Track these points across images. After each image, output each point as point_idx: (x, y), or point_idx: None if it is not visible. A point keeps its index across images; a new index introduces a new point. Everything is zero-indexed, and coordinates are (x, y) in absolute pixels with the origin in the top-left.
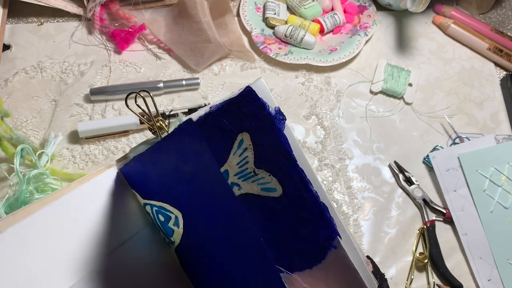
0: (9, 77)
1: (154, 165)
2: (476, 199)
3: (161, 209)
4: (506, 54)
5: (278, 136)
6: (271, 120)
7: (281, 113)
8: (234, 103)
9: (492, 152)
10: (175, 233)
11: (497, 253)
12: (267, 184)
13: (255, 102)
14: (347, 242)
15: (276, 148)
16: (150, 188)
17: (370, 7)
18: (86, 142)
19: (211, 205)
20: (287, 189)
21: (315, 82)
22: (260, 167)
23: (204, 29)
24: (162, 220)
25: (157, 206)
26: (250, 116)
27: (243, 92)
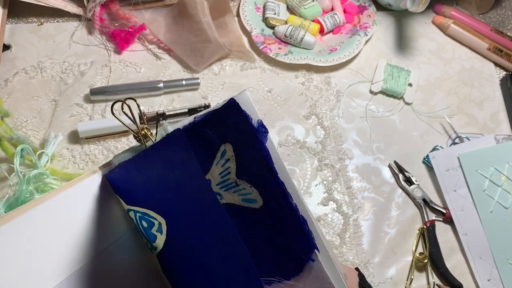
0: (9, 77)
1: (139, 172)
2: (476, 199)
3: (145, 215)
4: (506, 54)
5: (260, 148)
6: (254, 132)
7: (263, 125)
8: (218, 114)
9: (492, 152)
10: (158, 239)
11: (497, 253)
12: (248, 195)
13: (239, 114)
14: (324, 256)
15: (258, 160)
16: (134, 195)
17: (370, 7)
18: (86, 142)
19: (196, 213)
20: (267, 201)
21: (315, 82)
22: (241, 178)
23: (204, 29)
24: (145, 226)
25: (141, 212)
26: (233, 128)
27: (226, 104)
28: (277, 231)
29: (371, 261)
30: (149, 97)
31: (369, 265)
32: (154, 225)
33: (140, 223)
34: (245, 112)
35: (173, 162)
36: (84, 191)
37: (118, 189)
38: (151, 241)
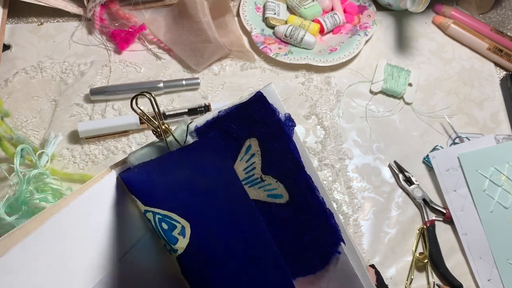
0: (9, 77)
1: (162, 174)
2: (476, 199)
3: (166, 218)
4: (506, 54)
5: (287, 142)
6: (281, 126)
7: (291, 119)
8: (244, 108)
9: (492, 152)
10: (179, 242)
11: (497, 253)
12: (273, 190)
13: (265, 107)
14: (349, 249)
15: (285, 154)
16: (154, 196)
17: (370, 7)
18: (86, 142)
19: (228, 219)
20: (293, 196)
21: (315, 82)
22: (267, 173)
23: (204, 29)
24: (166, 229)
25: (161, 214)
26: (260, 121)
27: (253, 97)
28: (303, 226)
29: (371, 261)
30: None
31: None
32: (176, 227)
33: (160, 225)
34: (272, 105)
35: (206, 166)
36: (99, 194)
37: (135, 190)
38: (171, 243)
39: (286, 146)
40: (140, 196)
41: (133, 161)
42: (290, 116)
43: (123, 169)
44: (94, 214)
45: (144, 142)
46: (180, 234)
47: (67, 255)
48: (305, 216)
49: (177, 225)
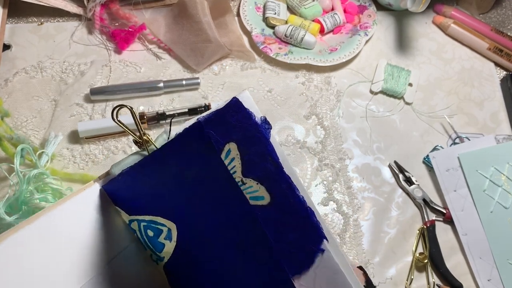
0: (9, 77)
1: (146, 176)
2: (476, 199)
3: (151, 224)
4: (506, 54)
5: (265, 144)
6: (258, 129)
7: (267, 122)
8: (221, 114)
9: (492, 152)
10: (166, 248)
11: (497, 253)
12: (255, 192)
13: (242, 112)
14: (333, 246)
15: (263, 156)
16: (138, 203)
17: (370, 7)
18: (86, 142)
19: (216, 211)
20: (275, 196)
21: (315, 82)
22: (247, 176)
23: (204, 29)
24: (151, 236)
25: (146, 220)
26: (237, 126)
27: (229, 103)
28: (286, 225)
29: (371, 261)
30: (149, 97)
31: (369, 265)
32: (162, 232)
33: (145, 233)
34: (248, 109)
35: (191, 158)
36: (81, 205)
37: (118, 200)
38: (157, 251)
39: (264, 148)
40: (124, 205)
41: (116, 172)
42: (266, 119)
43: (107, 181)
44: (76, 223)
45: None
46: (167, 239)
47: (48, 258)
48: (288, 216)
49: (163, 229)
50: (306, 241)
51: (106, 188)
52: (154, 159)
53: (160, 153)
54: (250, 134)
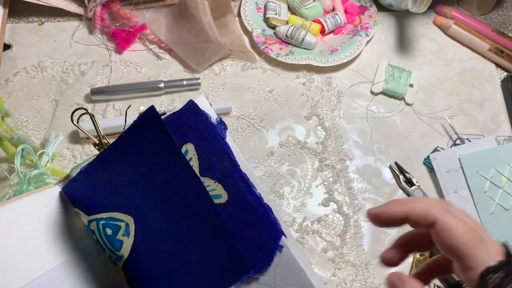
0: (10, 76)
1: (103, 172)
2: (476, 200)
3: (109, 221)
4: (507, 55)
5: (221, 144)
6: (214, 129)
7: (223, 122)
8: (178, 116)
9: (493, 153)
10: (124, 245)
11: None
12: (213, 191)
13: (198, 114)
14: (291, 242)
15: (220, 155)
16: (97, 201)
17: (371, 8)
18: (87, 142)
19: (171, 194)
20: (232, 194)
21: (316, 82)
22: (205, 175)
23: (205, 29)
24: (110, 234)
25: (105, 218)
26: (193, 127)
27: (185, 106)
28: (244, 223)
29: (371, 262)
30: (149, 97)
31: (369, 266)
32: (120, 228)
33: (104, 232)
34: (204, 111)
35: (146, 145)
36: (39, 204)
37: (77, 201)
38: (115, 251)
39: (221, 148)
40: (83, 206)
41: (74, 174)
42: (221, 119)
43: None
44: (33, 220)
45: None
46: (125, 235)
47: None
48: (245, 213)
49: (121, 224)
50: (265, 238)
51: (66, 190)
52: (110, 151)
53: (115, 145)
54: (207, 134)
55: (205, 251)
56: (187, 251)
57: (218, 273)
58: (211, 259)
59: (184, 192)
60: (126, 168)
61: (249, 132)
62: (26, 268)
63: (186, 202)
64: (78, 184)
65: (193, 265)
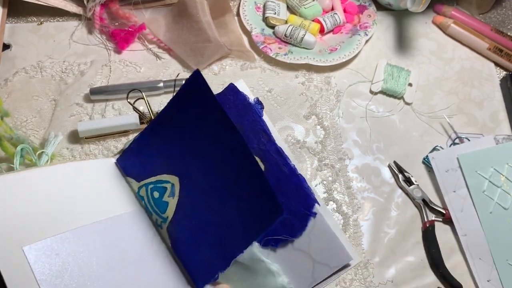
0: (9, 76)
1: (153, 137)
2: (475, 200)
3: (157, 184)
4: (506, 54)
5: (258, 120)
6: (251, 107)
7: (260, 102)
8: (219, 97)
9: (491, 153)
10: (169, 206)
11: (496, 254)
12: None
13: (237, 94)
14: (324, 210)
15: (257, 131)
16: (147, 167)
17: (370, 7)
18: (86, 142)
19: (215, 153)
20: (268, 166)
21: (315, 82)
22: None
23: (204, 29)
24: (157, 197)
25: (153, 182)
26: (233, 106)
27: (227, 87)
28: (280, 192)
29: (371, 261)
30: (149, 96)
31: (369, 265)
32: (166, 190)
33: (152, 196)
34: (243, 92)
35: (192, 107)
36: (95, 168)
37: (130, 169)
38: (161, 213)
39: (257, 124)
40: (135, 173)
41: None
42: (258, 99)
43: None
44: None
45: None
46: (170, 196)
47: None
48: (281, 183)
49: (167, 186)
50: (299, 206)
51: (119, 161)
52: (158, 118)
53: (164, 111)
54: (245, 112)
55: (243, 201)
56: (226, 204)
57: (254, 219)
58: (248, 207)
59: (226, 148)
60: (173, 131)
61: None
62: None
63: (227, 156)
64: (131, 152)
65: (231, 216)
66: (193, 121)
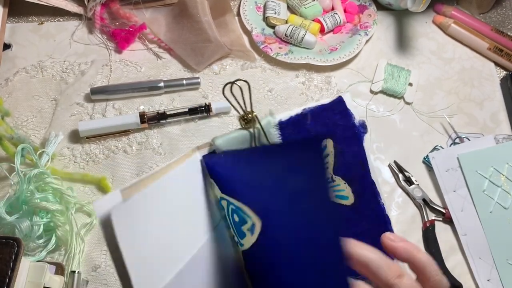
0: (10, 76)
1: (247, 165)
2: (475, 199)
3: (239, 210)
4: (506, 53)
5: (359, 147)
6: (355, 131)
7: (365, 126)
8: (326, 109)
9: (492, 152)
10: (247, 238)
11: (496, 253)
12: (341, 191)
13: (344, 111)
14: None
15: (355, 159)
16: (232, 185)
17: (370, 7)
18: (86, 142)
19: (304, 228)
20: (358, 199)
21: (316, 81)
22: (337, 174)
23: (204, 29)
24: (236, 221)
25: (235, 205)
26: (337, 124)
27: (335, 100)
28: (363, 229)
29: None
30: (149, 96)
31: None
32: (247, 223)
33: (232, 216)
34: (350, 110)
35: (298, 166)
36: (184, 173)
37: (215, 174)
38: (239, 236)
39: (358, 151)
40: (219, 181)
41: (219, 144)
42: (364, 122)
43: (206, 152)
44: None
45: (145, 142)
46: (249, 230)
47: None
48: (367, 220)
49: (248, 220)
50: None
51: (206, 159)
52: (263, 151)
53: (270, 148)
54: (348, 134)
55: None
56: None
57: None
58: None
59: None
60: (270, 174)
61: None
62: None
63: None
64: (219, 160)
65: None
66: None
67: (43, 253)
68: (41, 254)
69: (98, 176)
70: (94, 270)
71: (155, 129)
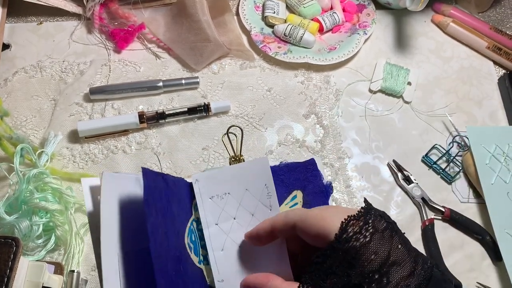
0: (9, 76)
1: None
2: (479, 169)
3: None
4: (505, 52)
5: (325, 202)
6: (323, 189)
7: (332, 187)
8: (300, 166)
9: (497, 131)
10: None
11: (496, 223)
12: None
13: (315, 171)
14: None
15: None
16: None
17: (369, 6)
18: (85, 142)
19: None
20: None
21: (314, 81)
22: None
23: (203, 28)
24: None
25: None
26: (308, 180)
27: (308, 161)
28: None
29: None
30: (148, 96)
31: None
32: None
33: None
34: (320, 171)
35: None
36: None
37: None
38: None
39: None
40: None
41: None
42: (331, 184)
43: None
44: None
45: (144, 141)
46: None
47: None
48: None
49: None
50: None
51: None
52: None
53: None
54: (316, 191)
55: None
56: None
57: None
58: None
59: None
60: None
61: (247, 131)
62: None
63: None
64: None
65: None
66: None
67: (42, 252)
68: (40, 253)
69: (97, 176)
70: (94, 270)
71: (154, 129)
